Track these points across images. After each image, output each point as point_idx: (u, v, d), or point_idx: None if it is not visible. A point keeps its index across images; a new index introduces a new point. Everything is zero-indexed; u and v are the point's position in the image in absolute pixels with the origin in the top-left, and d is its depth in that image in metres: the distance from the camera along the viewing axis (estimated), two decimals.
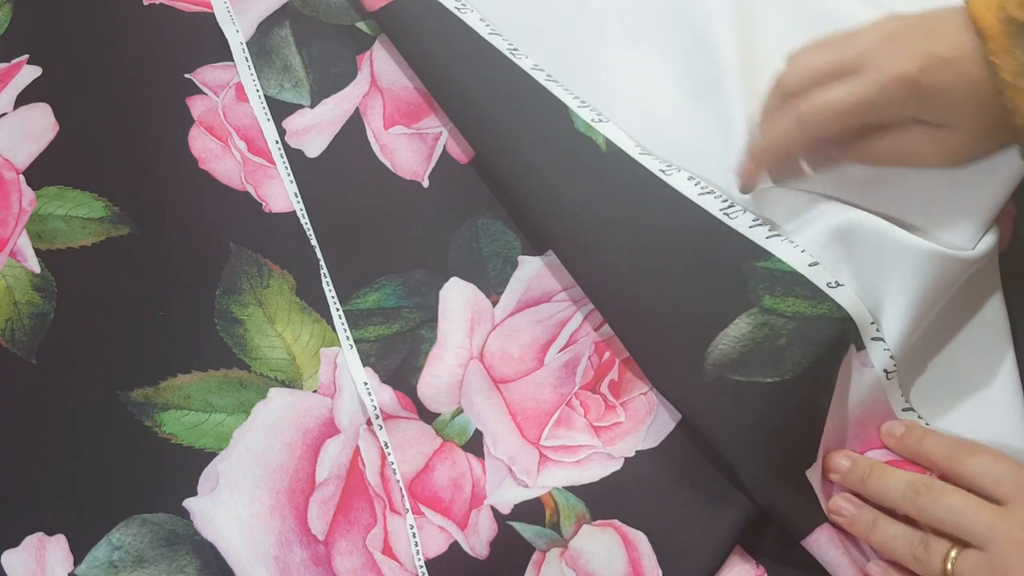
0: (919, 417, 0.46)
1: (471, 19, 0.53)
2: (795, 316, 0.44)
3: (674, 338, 0.45)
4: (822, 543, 0.43)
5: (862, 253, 0.44)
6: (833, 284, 0.44)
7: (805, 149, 0.45)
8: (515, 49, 0.52)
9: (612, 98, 0.52)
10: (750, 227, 0.46)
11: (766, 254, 0.45)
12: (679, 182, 0.47)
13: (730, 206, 0.47)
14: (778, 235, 0.45)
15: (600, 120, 0.50)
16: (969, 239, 0.45)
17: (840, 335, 0.44)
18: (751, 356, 0.44)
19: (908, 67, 0.40)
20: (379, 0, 0.55)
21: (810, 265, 0.44)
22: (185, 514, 0.47)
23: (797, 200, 0.46)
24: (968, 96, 0.40)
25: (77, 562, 0.46)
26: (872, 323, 0.44)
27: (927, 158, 0.43)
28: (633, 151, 0.49)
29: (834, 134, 0.43)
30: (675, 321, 0.45)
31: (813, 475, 0.44)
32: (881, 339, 0.44)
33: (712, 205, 0.46)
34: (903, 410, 0.45)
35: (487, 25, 0.53)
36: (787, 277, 0.44)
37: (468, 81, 0.52)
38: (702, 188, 0.47)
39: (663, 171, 0.48)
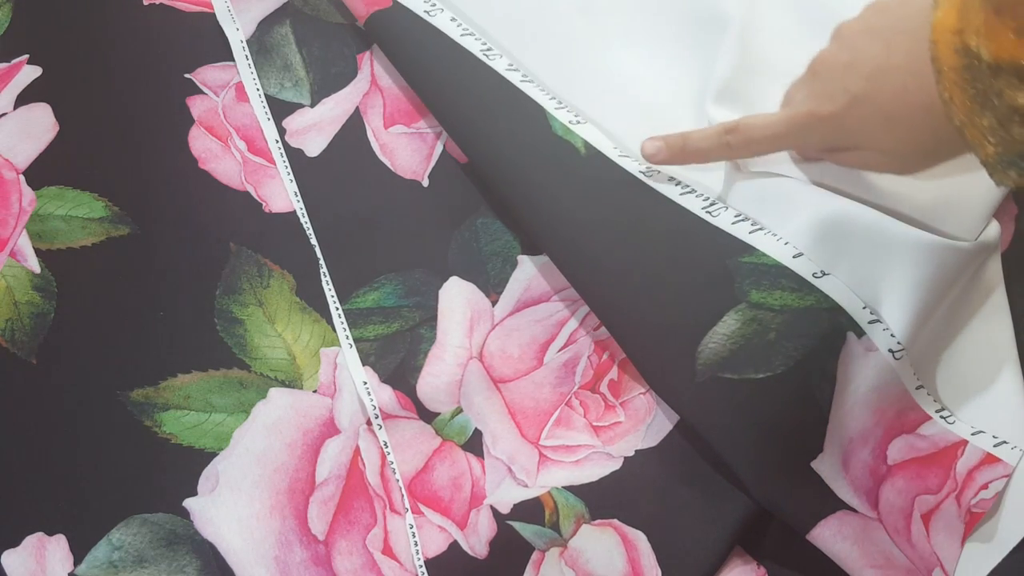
0: (928, 394, 0.45)
1: (441, 21, 0.52)
2: (783, 309, 0.44)
3: (664, 340, 0.45)
4: (828, 536, 0.43)
5: (859, 245, 0.44)
6: (819, 274, 0.44)
7: (720, 160, 0.47)
8: (488, 49, 0.52)
9: (607, 97, 0.52)
10: (732, 223, 0.46)
11: (750, 249, 0.45)
12: (660, 183, 0.47)
13: (712, 204, 0.47)
14: (761, 229, 0.45)
15: (578, 122, 0.50)
16: (967, 233, 0.45)
17: (830, 325, 0.44)
18: (742, 353, 0.44)
19: (819, 106, 0.42)
20: (360, 17, 0.54)
21: (794, 257, 0.44)
22: (185, 514, 0.47)
23: (788, 190, 0.46)
24: (889, 130, 0.40)
25: (77, 562, 0.46)
26: (864, 307, 0.44)
27: (877, 170, 0.44)
28: (612, 153, 0.48)
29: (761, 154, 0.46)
30: (664, 323, 0.45)
31: (822, 466, 0.44)
32: (878, 320, 0.44)
33: (694, 204, 0.47)
34: (916, 388, 0.45)
35: (459, 26, 0.52)
36: (772, 270, 0.44)
37: (445, 90, 0.51)
38: (683, 188, 0.47)
39: (643, 172, 0.48)
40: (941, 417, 0.45)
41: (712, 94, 0.49)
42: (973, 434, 0.45)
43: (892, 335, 0.44)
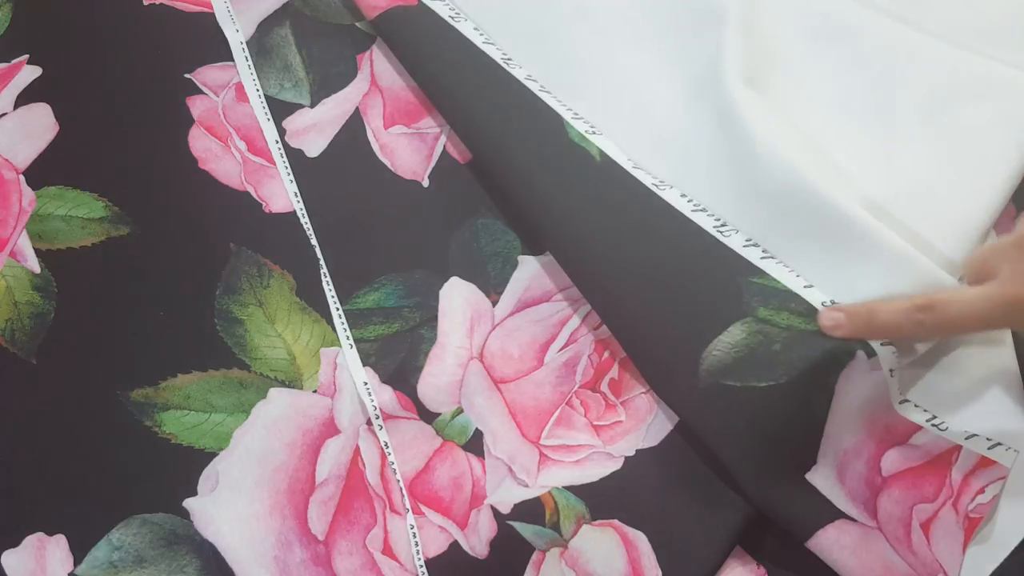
0: (916, 406, 0.45)
1: (465, 28, 0.53)
2: (789, 328, 0.44)
3: (669, 345, 0.45)
4: (826, 545, 0.43)
5: (872, 276, 0.44)
6: (828, 303, 0.44)
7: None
8: (509, 59, 0.52)
9: (611, 96, 0.52)
10: (743, 247, 0.46)
11: (760, 272, 0.45)
12: (672, 197, 0.48)
13: (723, 224, 0.47)
14: (772, 257, 0.46)
15: (593, 132, 0.50)
16: (968, 241, 0.45)
17: (837, 344, 0.43)
18: (745, 361, 0.44)
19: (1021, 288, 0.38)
20: (376, 8, 0.54)
21: (805, 287, 0.44)
22: (185, 514, 0.47)
23: (799, 217, 0.46)
24: None
25: (77, 562, 0.46)
26: None
27: None
28: (626, 164, 0.49)
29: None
30: (670, 328, 0.45)
31: (816, 477, 0.44)
32: (888, 343, 0.44)
33: (705, 222, 0.47)
34: (900, 403, 0.45)
35: (481, 34, 0.53)
36: (781, 294, 0.44)
37: (463, 90, 0.52)
38: (695, 205, 0.47)
39: (656, 186, 0.48)
40: (933, 426, 0.45)
41: (734, 77, 0.49)
42: (967, 438, 0.45)
43: (894, 352, 0.44)
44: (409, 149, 0.54)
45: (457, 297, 0.51)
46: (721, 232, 0.47)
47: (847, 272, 0.44)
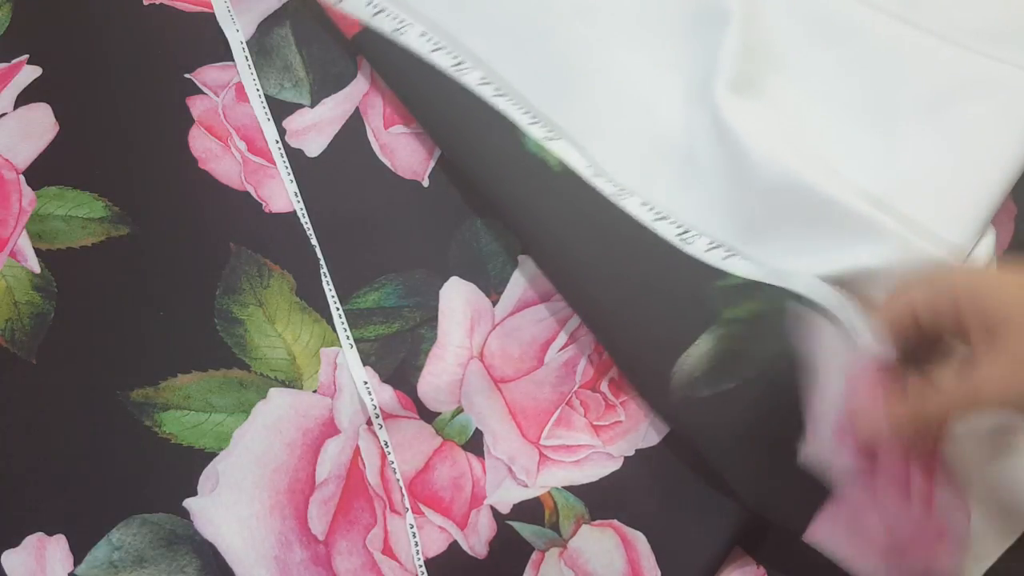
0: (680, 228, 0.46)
1: (410, 39, 0.52)
2: (749, 316, 0.44)
3: (642, 358, 0.45)
4: (821, 532, 0.43)
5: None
6: (788, 277, 0.44)
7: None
8: (460, 64, 0.51)
9: (606, 97, 0.52)
10: (706, 251, 0.46)
11: (723, 274, 0.45)
12: (632, 207, 0.47)
13: (685, 231, 0.47)
14: (734, 255, 0.46)
15: (552, 138, 0.49)
16: (966, 234, 0.45)
17: (796, 316, 0.43)
18: (714, 370, 0.44)
19: None
20: (351, 29, 0.54)
21: (767, 274, 0.45)
22: (185, 514, 0.47)
23: (774, 219, 0.46)
24: None
25: (77, 562, 0.46)
26: (832, 291, 0.43)
27: None
28: (585, 172, 0.48)
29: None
30: (640, 342, 0.45)
31: (809, 456, 0.44)
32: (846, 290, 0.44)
33: (667, 231, 0.47)
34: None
35: (429, 40, 0.52)
36: (745, 287, 0.45)
37: (420, 106, 0.51)
38: (656, 214, 0.47)
39: (616, 195, 0.48)
40: (681, 239, 0.46)
41: (724, 83, 0.49)
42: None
43: (835, 291, 0.43)
44: (409, 149, 0.54)
45: (457, 297, 0.51)
46: (684, 239, 0.47)
47: (844, 255, 0.44)
